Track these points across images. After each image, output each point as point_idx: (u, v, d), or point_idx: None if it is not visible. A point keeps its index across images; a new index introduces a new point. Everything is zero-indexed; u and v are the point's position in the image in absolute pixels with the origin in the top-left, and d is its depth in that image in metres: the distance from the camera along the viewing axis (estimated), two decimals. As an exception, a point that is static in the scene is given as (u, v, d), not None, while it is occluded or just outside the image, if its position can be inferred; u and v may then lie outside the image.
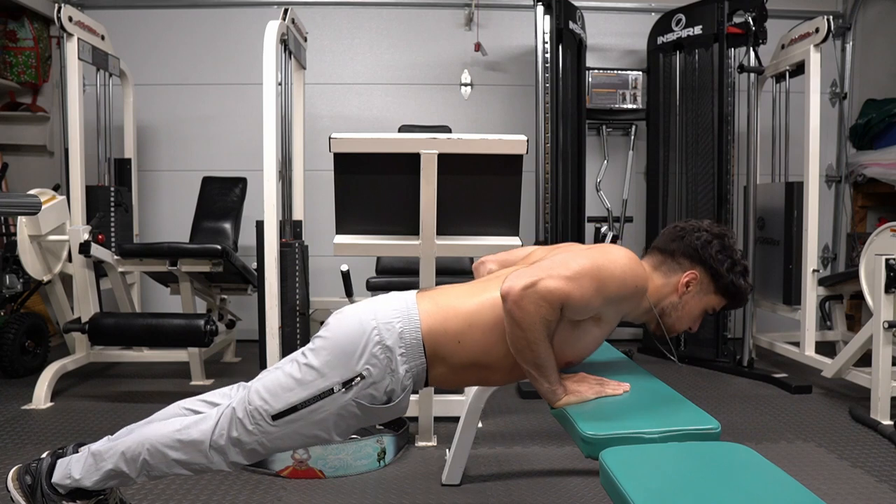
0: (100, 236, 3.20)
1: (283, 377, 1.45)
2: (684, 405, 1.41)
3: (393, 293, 1.55)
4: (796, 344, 3.49)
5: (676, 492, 1.03)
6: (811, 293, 3.41)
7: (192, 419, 1.52)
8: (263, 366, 2.78)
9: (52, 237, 3.24)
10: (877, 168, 4.19)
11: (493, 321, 1.44)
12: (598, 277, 1.39)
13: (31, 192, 3.16)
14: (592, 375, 1.53)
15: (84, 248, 3.00)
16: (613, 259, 1.43)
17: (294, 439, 1.47)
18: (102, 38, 3.57)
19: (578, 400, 1.45)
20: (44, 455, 1.61)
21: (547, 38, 3.43)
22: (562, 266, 1.38)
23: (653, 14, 4.20)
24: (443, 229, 2.20)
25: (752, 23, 3.41)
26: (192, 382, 3.27)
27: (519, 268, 1.51)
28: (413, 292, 1.54)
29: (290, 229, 3.13)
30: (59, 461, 1.58)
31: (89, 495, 1.58)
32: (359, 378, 1.41)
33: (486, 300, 1.47)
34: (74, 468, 1.55)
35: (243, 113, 4.20)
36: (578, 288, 1.36)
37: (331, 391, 1.41)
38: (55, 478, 1.56)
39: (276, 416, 1.43)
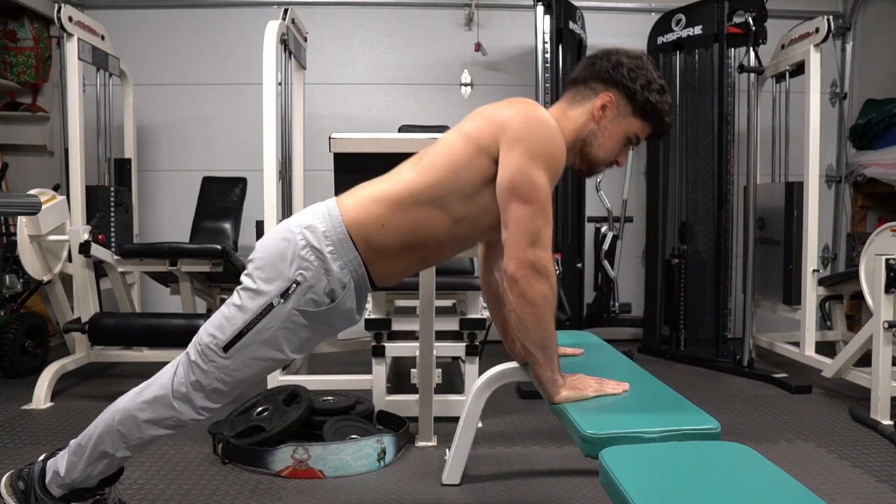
0: (100, 236, 3.21)
1: (225, 310, 1.46)
2: (684, 405, 1.41)
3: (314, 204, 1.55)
4: (796, 344, 3.49)
5: (676, 491, 1.03)
6: (811, 293, 3.41)
7: (151, 378, 1.54)
8: (263, 366, 2.78)
9: (52, 237, 3.24)
10: (877, 168, 4.19)
11: (408, 197, 1.44)
12: (549, 175, 1.40)
13: (31, 192, 3.16)
14: (592, 376, 1.53)
15: (84, 248, 3.00)
16: (545, 141, 1.40)
17: (251, 366, 1.46)
18: (102, 38, 3.58)
19: (578, 397, 1.45)
20: (38, 460, 1.61)
21: (547, 38, 3.43)
22: (531, 220, 1.38)
23: (653, 14, 4.20)
24: (443, 229, 2.19)
25: (752, 23, 3.41)
26: (192, 382, 3.27)
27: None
28: (332, 198, 1.53)
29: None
30: (48, 463, 1.59)
31: (84, 496, 1.58)
32: (294, 285, 1.41)
33: (401, 180, 1.47)
34: (60, 465, 1.56)
35: (243, 113, 4.20)
36: (548, 214, 1.39)
37: (270, 305, 1.42)
38: (47, 480, 1.56)
39: (227, 347, 1.44)
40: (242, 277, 1.48)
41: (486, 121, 1.45)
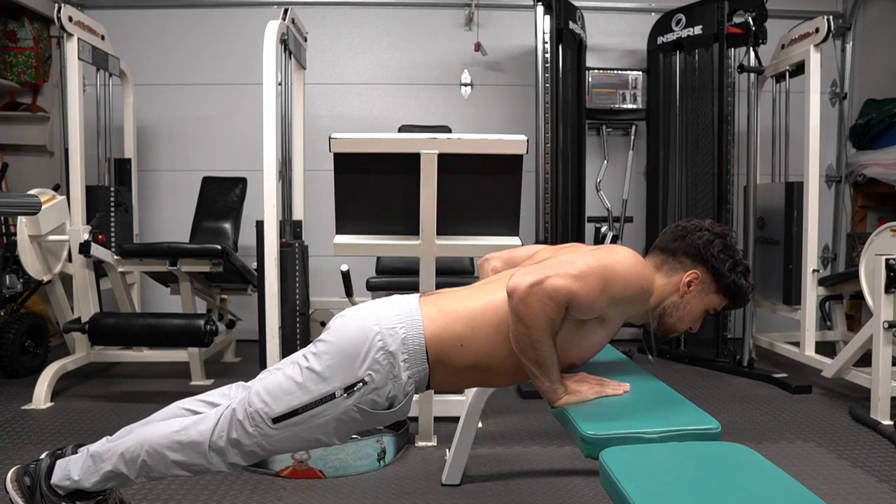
0: (100, 236, 3.21)
1: (284, 380, 1.44)
2: (684, 405, 1.41)
3: (395, 297, 1.54)
4: (796, 344, 3.49)
5: (676, 492, 1.03)
6: (811, 293, 3.41)
7: (191, 420, 1.52)
8: (263, 366, 2.78)
9: (52, 237, 3.24)
10: (877, 168, 4.19)
11: (497, 323, 1.44)
12: (604, 277, 1.39)
13: (31, 192, 3.16)
14: (592, 375, 1.53)
15: (84, 248, 3.00)
16: (620, 259, 1.43)
17: (294, 442, 1.47)
18: (102, 38, 3.57)
19: (578, 399, 1.44)
20: (43, 456, 1.61)
21: (547, 38, 3.43)
22: (568, 265, 1.37)
23: (653, 14, 4.20)
24: (443, 229, 2.20)
25: (752, 23, 3.41)
26: (193, 382, 3.27)
27: (524, 266, 1.51)
28: (416, 296, 1.53)
29: (290, 229, 3.13)
30: (58, 462, 1.58)
31: (88, 496, 1.58)
32: (361, 384, 1.40)
33: (490, 302, 1.47)
34: (73, 469, 1.55)
35: (243, 113, 4.20)
36: (584, 287, 1.36)
37: (332, 396, 1.41)
38: (54, 479, 1.56)
39: (277, 420, 1.42)
40: (309, 353, 1.45)
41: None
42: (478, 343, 1.44)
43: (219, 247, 3.10)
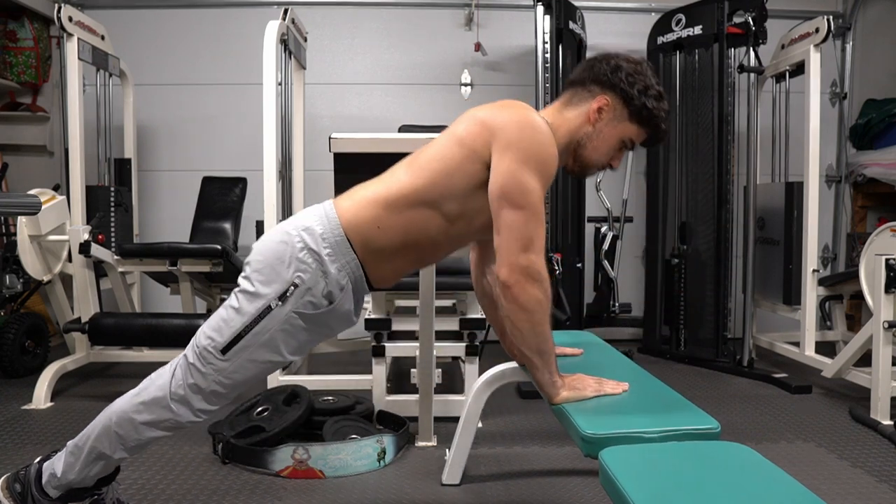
0: (100, 236, 3.21)
1: (223, 312, 1.47)
2: (684, 405, 1.41)
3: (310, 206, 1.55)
4: (796, 344, 3.49)
5: (676, 491, 1.03)
6: (811, 293, 3.41)
7: (148, 379, 1.55)
8: (263, 366, 2.78)
9: (52, 237, 3.24)
10: (877, 168, 4.19)
11: (405, 200, 1.44)
12: (539, 171, 1.39)
13: (31, 192, 3.16)
14: (591, 376, 1.53)
15: (84, 248, 3.00)
16: (538, 145, 1.40)
17: (250, 368, 1.47)
18: (102, 38, 3.58)
19: (577, 397, 1.44)
20: (34, 462, 1.61)
21: (547, 38, 3.44)
22: (522, 228, 1.37)
23: (653, 14, 4.20)
24: (443, 229, 2.19)
25: (752, 23, 3.41)
26: (192, 382, 3.27)
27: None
28: (329, 200, 1.53)
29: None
30: (45, 465, 1.59)
31: (81, 497, 1.58)
32: (292, 287, 1.41)
33: (395, 182, 1.47)
34: (57, 467, 1.56)
35: (243, 113, 4.20)
36: (539, 208, 1.38)
37: (269, 308, 1.42)
38: (43, 481, 1.57)
39: (225, 350, 1.44)
40: (240, 280, 1.48)
41: (477, 125, 1.44)
42: (394, 222, 1.44)
43: (219, 247, 3.10)
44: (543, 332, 1.40)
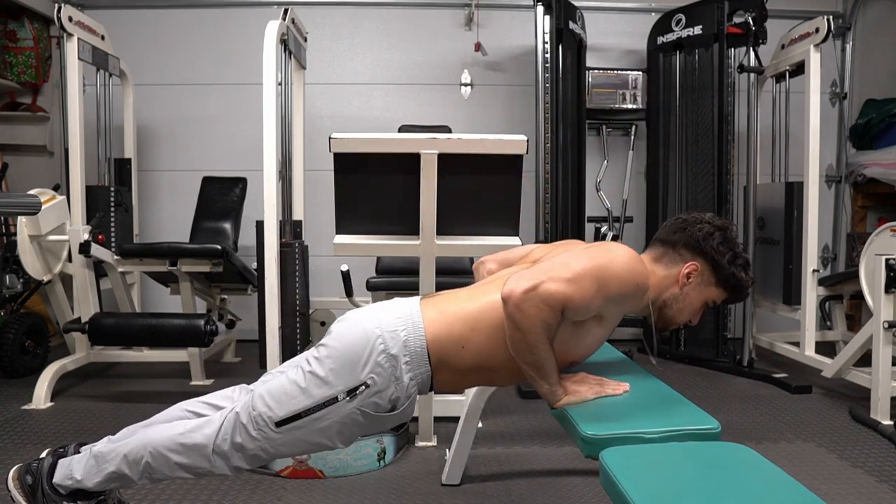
0: (100, 236, 3.21)
1: (287, 384, 1.44)
2: (684, 405, 1.41)
3: (397, 300, 1.54)
4: (796, 344, 3.49)
5: (677, 492, 1.03)
6: (811, 293, 3.41)
7: (195, 423, 1.52)
8: (263, 366, 2.78)
9: (52, 237, 3.24)
10: (877, 168, 4.19)
11: (496, 324, 1.43)
12: (599, 277, 1.38)
13: (31, 192, 3.16)
14: (592, 375, 1.53)
15: (84, 248, 3.00)
16: (614, 258, 1.43)
17: (297, 445, 1.47)
18: (102, 38, 3.57)
19: (578, 400, 1.45)
20: (44, 454, 1.61)
21: (547, 38, 3.43)
22: (562, 267, 1.37)
23: (653, 14, 4.20)
24: (443, 229, 2.20)
25: (752, 23, 3.41)
26: (193, 382, 3.27)
27: (519, 268, 1.51)
28: (416, 299, 1.54)
29: (290, 229, 3.13)
30: (60, 462, 1.58)
31: (90, 496, 1.58)
32: (363, 387, 1.41)
33: (488, 303, 1.46)
34: (76, 469, 1.55)
35: (243, 113, 4.20)
36: (579, 290, 1.35)
37: (335, 399, 1.41)
38: (56, 478, 1.56)
39: (280, 423, 1.42)
40: (312, 357, 1.45)
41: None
42: (479, 344, 1.44)
43: (219, 247, 3.10)
44: (539, 353, 1.38)
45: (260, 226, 2.65)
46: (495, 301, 1.44)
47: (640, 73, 4.08)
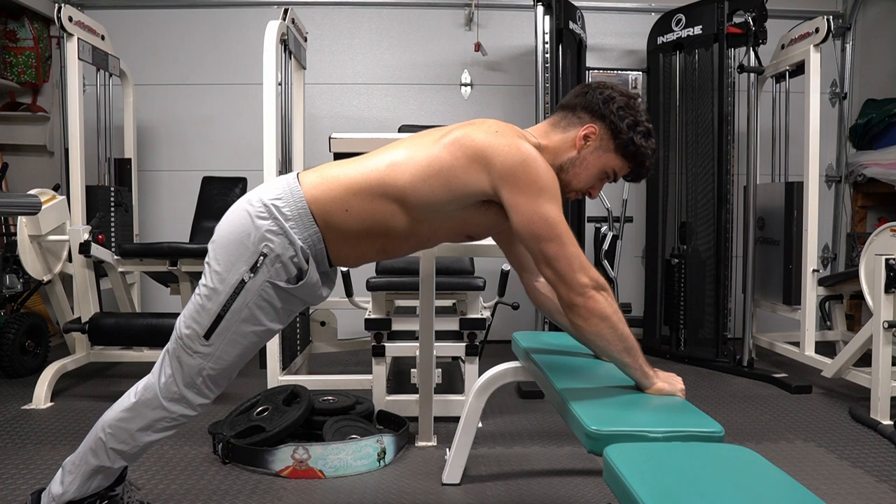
0: (100, 236, 3.20)
1: (196, 299, 1.46)
2: (688, 408, 1.41)
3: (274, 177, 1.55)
4: (796, 344, 3.49)
5: (681, 488, 1.03)
6: (811, 293, 3.42)
7: (133, 387, 1.54)
8: (263, 366, 2.79)
9: (52, 237, 3.24)
10: (877, 168, 4.19)
11: (376, 188, 1.44)
12: (557, 203, 1.41)
13: (31, 192, 3.16)
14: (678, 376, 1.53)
15: (84, 248, 3.00)
16: (542, 176, 1.41)
17: (236, 346, 1.46)
18: (102, 38, 3.57)
19: (671, 390, 1.46)
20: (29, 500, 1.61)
21: (547, 38, 3.43)
22: (563, 262, 1.39)
23: (653, 14, 4.20)
24: (443, 229, 2.19)
25: (752, 23, 3.42)
26: (192, 382, 3.26)
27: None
28: (294, 172, 1.53)
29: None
30: (42, 494, 1.58)
31: None
32: (261, 257, 1.41)
33: (370, 170, 1.46)
34: (55, 487, 1.55)
35: (243, 113, 4.20)
36: (568, 233, 1.41)
37: (242, 282, 1.42)
38: None
39: (208, 334, 1.44)
40: (206, 263, 1.47)
41: (472, 150, 1.42)
42: (362, 208, 1.44)
43: (219, 247, 3.09)
44: (624, 331, 1.41)
45: (260, 226, 2.65)
46: (380, 170, 1.45)
47: (640, 73, 4.09)
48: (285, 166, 3.19)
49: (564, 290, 1.40)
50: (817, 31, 3.37)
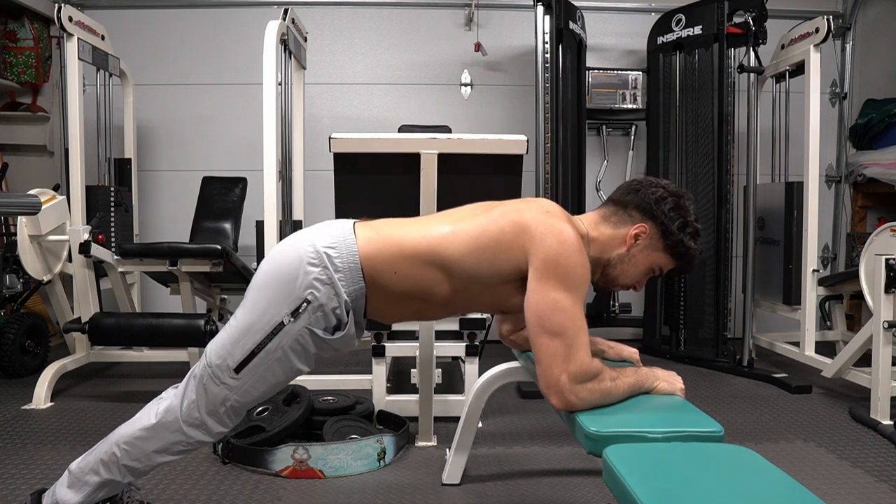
0: (100, 236, 3.20)
1: (233, 330, 1.45)
2: (688, 408, 1.41)
3: (329, 221, 1.56)
4: (796, 344, 3.49)
5: (680, 489, 1.03)
6: (811, 293, 3.42)
7: (155, 406, 1.53)
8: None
9: (52, 237, 3.24)
10: (877, 168, 4.19)
11: (427, 256, 1.46)
12: (571, 288, 1.40)
13: (31, 192, 3.16)
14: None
15: (84, 248, 3.00)
16: (571, 266, 1.41)
17: (263, 384, 1.47)
18: (102, 38, 3.57)
19: (671, 389, 1.47)
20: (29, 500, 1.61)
21: (547, 38, 3.43)
22: (559, 347, 1.38)
23: (653, 14, 4.20)
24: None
25: (752, 23, 3.41)
26: (192, 382, 3.26)
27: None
28: (351, 221, 1.54)
29: (290, 229, 3.13)
30: (43, 496, 1.58)
31: None
32: (305, 303, 1.42)
33: (424, 236, 1.48)
34: (60, 492, 1.54)
35: (243, 113, 4.20)
36: (576, 326, 1.39)
37: (281, 325, 1.42)
38: None
39: (238, 368, 1.43)
40: (249, 291, 1.47)
41: (519, 226, 1.45)
42: (410, 273, 1.46)
43: (219, 247, 3.09)
44: (616, 393, 1.41)
45: (260, 226, 2.66)
46: (432, 238, 1.47)
47: (640, 73, 4.09)
48: (285, 166, 3.19)
49: (550, 394, 1.39)
50: (817, 31, 3.37)
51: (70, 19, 3.17)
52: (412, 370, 2.65)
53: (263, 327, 1.42)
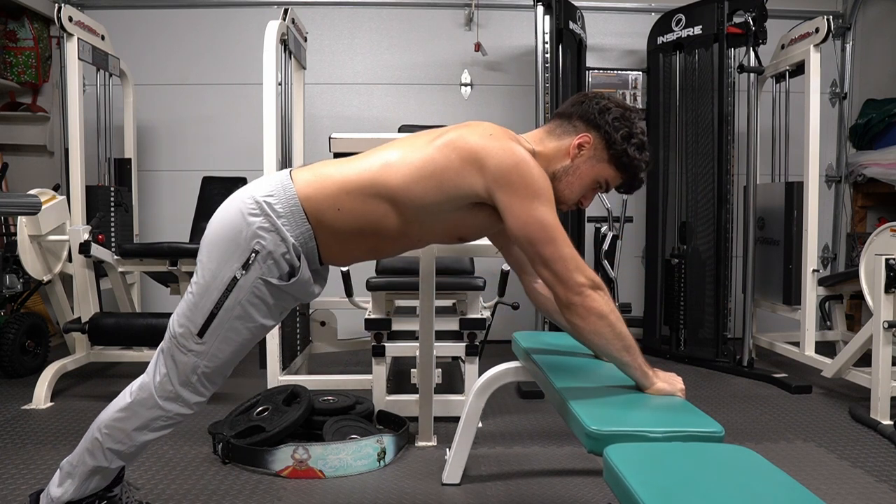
0: (100, 236, 3.21)
1: (189, 297, 1.46)
2: (688, 408, 1.41)
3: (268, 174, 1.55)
4: (796, 344, 3.49)
5: (681, 489, 1.03)
6: (811, 293, 3.42)
7: (128, 387, 1.53)
8: (263, 365, 2.79)
9: (52, 237, 3.24)
10: (877, 168, 4.19)
11: (369, 188, 1.44)
12: (550, 205, 1.42)
13: (31, 192, 3.16)
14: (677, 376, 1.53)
15: (84, 248, 3.00)
16: (533, 179, 1.41)
17: (230, 343, 1.46)
18: (102, 38, 3.57)
19: (671, 390, 1.46)
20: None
21: (547, 38, 3.43)
22: (559, 262, 1.40)
23: (653, 14, 4.20)
24: (443, 229, 2.19)
25: (752, 23, 3.42)
26: (192, 382, 3.26)
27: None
28: (287, 169, 1.53)
29: (290, 229, 3.12)
30: (40, 496, 1.58)
31: None
32: (253, 254, 1.41)
33: (364, 170, 1.47)
34: (53, 489, 1.55)
35: (243, 113, 4.20)
36: (563, 235, 1.41)
37: (234, 280, 1.41)
38: None
39: (201, 332, 1.44)
40: (199, 258, 1.46)
41: (466, 153, 1.42)
42: (354, 208, 1.45)
43: (219, 247, 3.09)
44: (622, 330, 1.42)
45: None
46: (373, 171, 1.45)
47: (640, 73, 4.09)
48: (285, 166, 3.19)
49: (562, 290, 1.41)
50: (817, 31, 3.37)
51: (70, 19, 3.17)
52: (412, 370, 2.65)
53: (218, 286, 1.42)
